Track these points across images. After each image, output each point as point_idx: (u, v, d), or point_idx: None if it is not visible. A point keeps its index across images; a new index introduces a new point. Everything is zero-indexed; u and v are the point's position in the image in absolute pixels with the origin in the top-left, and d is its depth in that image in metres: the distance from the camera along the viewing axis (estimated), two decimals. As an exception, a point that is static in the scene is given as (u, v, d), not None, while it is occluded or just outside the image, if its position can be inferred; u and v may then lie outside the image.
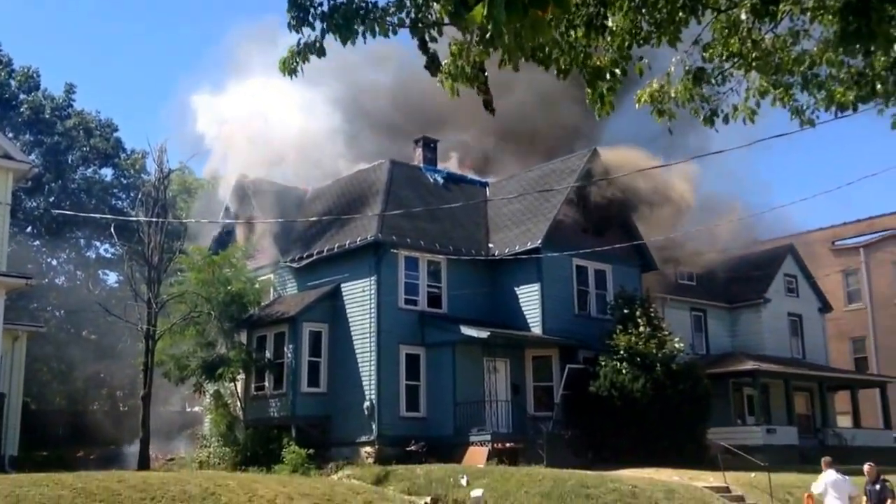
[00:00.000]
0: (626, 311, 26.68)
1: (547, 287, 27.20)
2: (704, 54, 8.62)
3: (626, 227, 29.39)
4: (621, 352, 25.31)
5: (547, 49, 7.09)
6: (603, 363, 25.44)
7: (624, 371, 24.97)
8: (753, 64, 8.50)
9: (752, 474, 22.00)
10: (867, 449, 31.24)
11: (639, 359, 25.08)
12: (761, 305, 34.15)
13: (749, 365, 30.38)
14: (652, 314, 26.82)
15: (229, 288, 26.91)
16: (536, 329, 26.92)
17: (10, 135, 35.18)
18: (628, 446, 23.84)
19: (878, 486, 14.44)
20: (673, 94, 8.79)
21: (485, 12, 3.69)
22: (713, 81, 8.86)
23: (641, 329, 25.74)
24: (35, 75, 44.04)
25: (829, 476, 14.82)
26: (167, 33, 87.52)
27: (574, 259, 27.97)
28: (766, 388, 31.34)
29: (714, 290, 34.57)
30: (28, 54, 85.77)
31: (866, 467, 14.82)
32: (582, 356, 26.76)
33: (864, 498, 14.62)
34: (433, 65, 7.17)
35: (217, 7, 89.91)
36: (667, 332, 26.22)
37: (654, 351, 25.24)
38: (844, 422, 35.25)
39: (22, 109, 42.09)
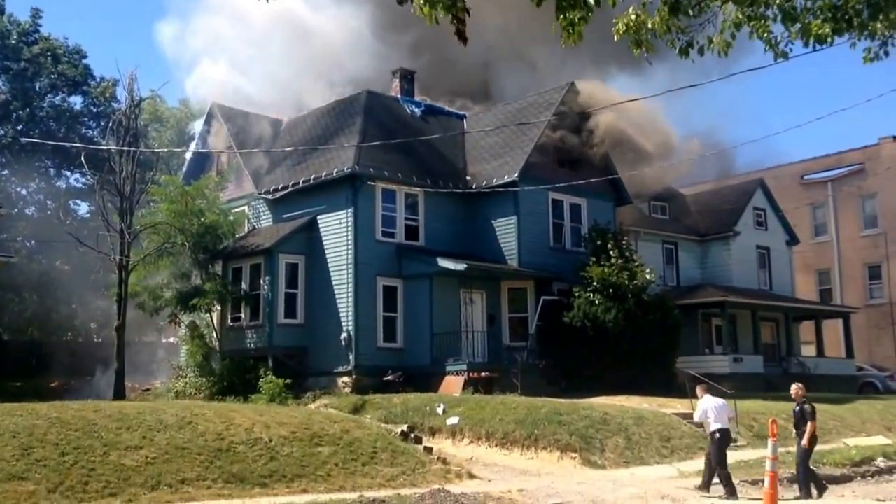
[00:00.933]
0: (599, 243, 26.93)
1: (523, 220, 27.34)
2: (683, -15, 8.46)
3: (602, 161, 29.39)
4: (594, 283, 25.60)
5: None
6: (577, 294, 25.73)
7: (597, 302, 25.32)
8: (730, -6, 8.38)
9: (720, 402, 22.52)
10: (830, 377, 32.29)
11: (611, 290, 25.43)
12: (731, 238, 34.67)
13: (718, 296, 31.12)
14: (624, 247, 27.10)
15: (203, 219, 26.72)
16: (513, 261, 27.11)
17: (-26, 61, 34.17)
18: (600, 375, 24.32)
19: (797, 408, 14.71)
20: (650, 25, 8.68)
21: None
22: (690, 13, 8.75)
23: (614, 261, 26.01)
24: (-1, 0, 42.60)
25: (707, 402, 14.84)
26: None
27: (550, 193, 28.05)
28: (733, 319, 32.15)
29: (685, 224, 34.98)
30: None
31: (794, 388, 15.01)
32: (556, 288, 27.06)
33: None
34: None
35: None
36: (638, 264, 26.53)
37: (626, 282, 25.56)
38: (809, 351, 36.25)
39: (-14, 35, 40.81)
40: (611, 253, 26.41)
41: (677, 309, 27.61)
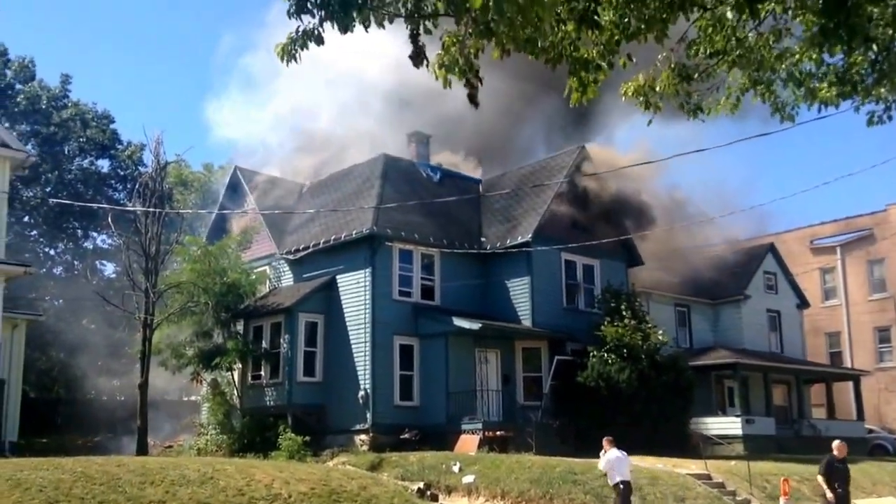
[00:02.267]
0: (612, 304, 27.41)
1: (537, 280, 27.87)
2: (689, 51, 9.07)
3: (614, 223, 30.04)
4: (608, 343, 25.97)
5: (538, 40, 7.48)
6: (591, 354, 26.08)
7: (611, 362, 25.65)
8: (736, 61, 8.97)
9: (732, 462, 22.71)
10: (840, 439, 32.05)
11: (625, 350, 25.81)
12: (742, 302, 35.16)
13: (730, 358, 31.46)
14: (637, 308, 27.58)
15: (225, 278, 27.36)
16: (526, 321, 27.55)
17: (6, 124, 35.46)
18: (614, 435, 24.36)
19: (840, 465, 14.94)
20: (658, 89, 9.23)
21: None
22: (697, 77, 9.32)
23: (627, 322, 26.43)
24: (31, 65, 44.32)
25: (612, 454, 15.82)
26: (165, 26, 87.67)
27: (563, 254, 28.63)
28: (745, 381, 32.39)
29: (697, 287, 35.46)
30: (24, 44, 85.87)
31: (839, 445, 15.29)
32: (570, 348, 27.44)
33: (822, 477, 15.08)
34: (418, 57, 7.30)
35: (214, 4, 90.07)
36: (651, 325, 26.95)
37: (640, 343, 25.94)
38: (819, 413, 36.44)
39: (18, 99, 42.32)
40: (624, 314, 26.88)
41: (690, 370, 27.93)
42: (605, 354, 25.95)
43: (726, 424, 29.58)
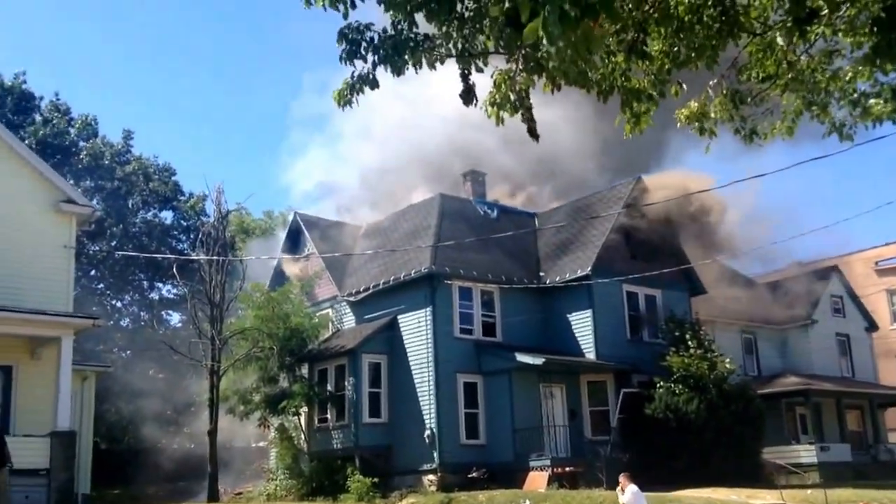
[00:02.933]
0: (677, 334, 27.03)
1: (598, 313, 27.64)
2: (741, 76, 9.05)
3: (675, 252, 29.74)
4: (675, 374, 25.57)
5: (590, 73, 7.54)
6: (658, 386, 25.71)
7: (678, 392, 25.22)
8: (789, 84, 8.90)
9: (808, 491, 22.07)
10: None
11: (692, 380, 25.37)
12: (809, 326, 34.51)
13: (800, 384, 30.81)
14: (702, 336, 27.14)
15: (288, 323, 27.73)
16: (590, 354, 27.30)
17: (72, 181, 36.77)
18: (685, 467, 24.01)
19: None
20: (712, 115, 9.21)
21: (540, 29, 3.91)
22: (751, 102, 9.27)
23: (693, 351, 26.03)
24: (94, 123, 45.97)
25: (632, 488, 16.30)
26: (221, 77, 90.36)
27: (624, 285, 28.36)
28: (818, 407, 31.62)
29: (762, 313, 34.76)
30: (87, 103, 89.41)
31: None
32: (636, 380, 27.09)
33: None
34: (468, 95, 7.41)
35: (265, 58, 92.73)
36: (717, 354, 26.50)
37: (707, 372, 25.48)
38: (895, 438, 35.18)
39: (82, 156, 43.83)
40: (689, 343, 26.49)
41: (759, 398, 27.33)
42: (672, 385, 25.54)
43: (800, 452, 28.83)
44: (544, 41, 3.97)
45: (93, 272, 43.75)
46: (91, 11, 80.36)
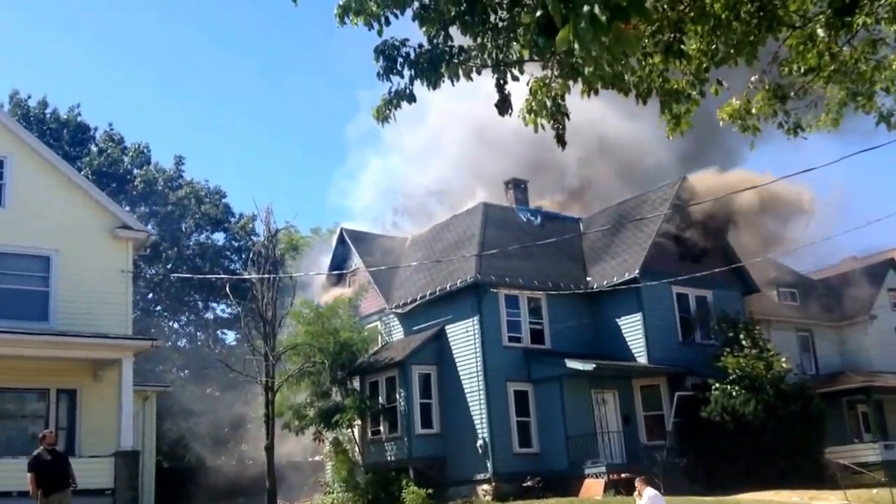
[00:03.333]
0: (730, 334, 26.63)
1: (649, 316, 27.39)
2: (782, 70, 8.96)
3: (724, 251, 29.36)
4: (731, 375, 25.20)
5: (626, 75, 7.54)
6: (713, 388, 25.37)
7: (735, 394, 24.85)
8: (832, 76, 8.80)
9: (874, 490, 21.59)
10: None
11: (748, 381, 24.97)
12: (868, 322, 33.52)
13: (860, 382, 30.06)
14: (757, 336, 26.69)
15: (338, 338, 28.01)
16: (642, 358, 27.06)
17: (127, 207, 37.77)
18: (744, 470, 23.66)
19: None
20: (754, 111, 9.13)
21: (571, 34, 3.91)
22: (794, 96, 9.17)
23: (748, 351, 25.63)
24: (146, 150, 47.27)
25: (650, 492, 16.58)
26: (268, 96, 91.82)
27: (673, 287, 28.05)
28: (880, 404, 30.84)
29: (818, 310, 34.06)
30: (139, 131, 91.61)
31: None
32: (690, 382, 26.74)
33: None
34: (504, 104, 7.43)
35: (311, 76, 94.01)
36: (773, 353, 26.04)
37: (763, 372, 25.07)
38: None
39: (136, 183, 45.10)
40: (743, 343, 26.10)
41: (818, 397, 26.77)
42: (728, 387, 25.18)
43: (863, 451, 28.12)
44: (577, 47, 4.02)
45: (150, 295, 44.79)
46: (140, 44, 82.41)
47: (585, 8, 3.80)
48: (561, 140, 7.84)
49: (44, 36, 77.34)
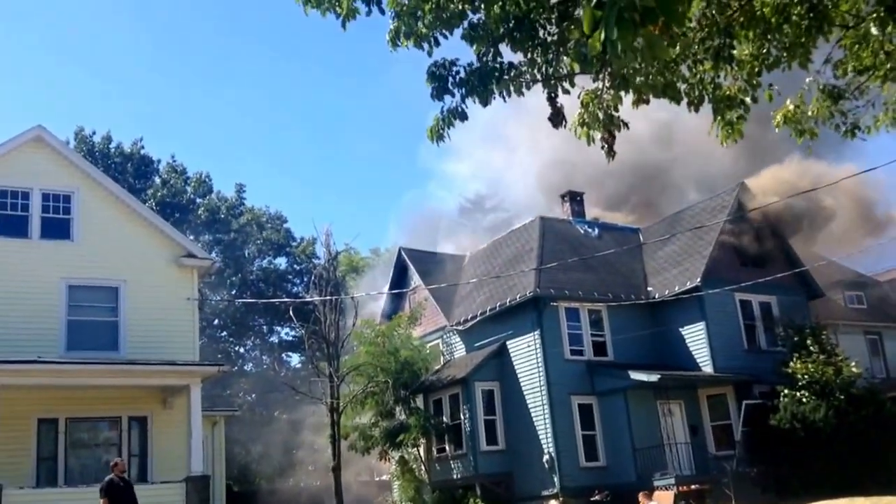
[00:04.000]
0: (796, 340, 26.03)
1: (712, 324, 26.96)
2: (837, 71, 8.84)
3: (787, 255, 28.78)
4: (799, 381, 24.63)
5: (677, 84, 7.53)
6: (782, 395, 24.82)
7: (804, 400, 24.26)
8: (888, 75, 8.65)
9: (957, 496, 20.73)
10: None
11: (817, 387, 24.35)
12: (938, 322, 32.32)
13: (936, 385, 28.82)
14: (825, 341, 26.02)
15: (398, 357, 28.16)
16: (707, 368, 26.62)
17: (191, 236, 38.72)
18: (816, 477, 23.05)
19: None
20: (810, 113, 9.00)
21: (601, 37, 3.94)
22: (850, 96, 9.03)
23: (816, 356, 25.02)
24: (207, 179, 48.44)
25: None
26: (325, 125, 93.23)
27: (736, 294, 27.56)
28: (958, 408, 29.43)
29: (886, 312, 33.03)
30: (200, 161, 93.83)
31: None
32: (757, 391, 26.21)
33: None
34: (557, 118, 7.54)
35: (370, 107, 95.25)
36: (842, 358, 25.37)
37: (833, 377, 24.43)
38: None
39: (199, 212, 46.23)
40: (811, 348, 25.49)
41: (890, 401, 25.95)
42: (797, 393, 24.59)
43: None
44: (609, 53, 4.06)
45: (216, 321, 45.70)
46: (199, 75, 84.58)
47: (613, 8, 3.83)
48: (610, 151, 7.87)
49: (106, 73, 79.97)
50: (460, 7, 6.59)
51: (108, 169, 42.63)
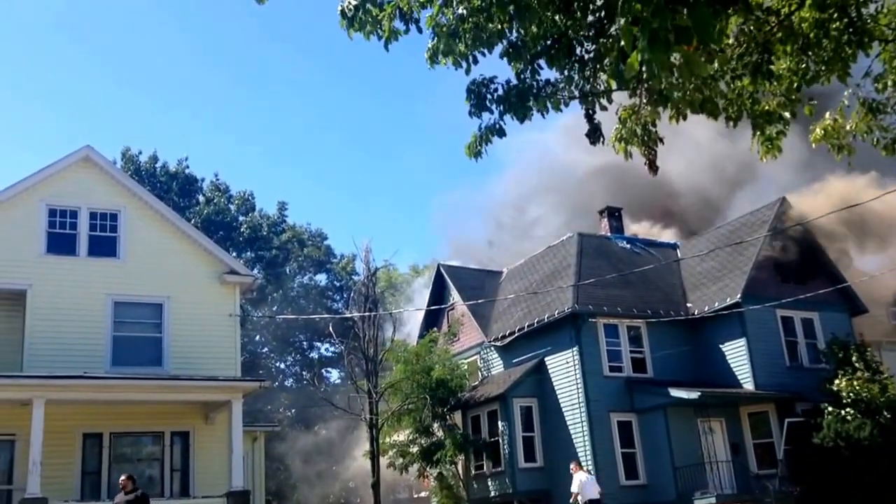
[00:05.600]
0: (841, 356, 25.58)
1: (753, 341, 26.62)
2: (876, 85, 8.79)
3: (830, 271, 28.34)
4: (844, 399, 24.18)
5: (716, 99, 7.55)
6: (826, 413, 24.38)
7: (849, 419, 23.80)
8: (929, 88, 8.57)
9: None
10: None
11: (862, 405, 23.89)
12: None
13: None
14: (869, 358, 25.53)
15: (432, 373, 28.17)
16: (748, 385, 26.28)
17: (234, 253, 39.26)
18: (862, 497, 22.57)
19: None
20: (849, 128, 8.94)
21: (638, 56, 3.98)
22: (890, 111, 8.95)
23: (860, 374, 24.57)
24: (250, 198, 49.19)
25: (580, 476, 18.35)
26: (365, 143, 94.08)
27: (777, 310, 27.18)
28: None
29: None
30: (243, 179, 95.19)
31: None
32: (799, 408, 25.79)
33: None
34: (594, 134, 7.60)
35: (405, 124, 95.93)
36: (887, 376, 24.87)
37: (878, 395, 23.96)
38: None
39: (242, 230, 46.93)
40: (856, 366, 25.04)
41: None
42: (842, 411, 24.15)
43: None
44: (646, 71, 4.12)
45: (257, 337, 46.23)
46: (240, 96, 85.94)
47: (647, 29, 3.88)
48: (653, 166, 7.90)
49: (153, 93, 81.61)
50: (499, 26, 6.70)
51: (153, 188, 43.49)
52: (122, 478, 15.75)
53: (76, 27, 78.14)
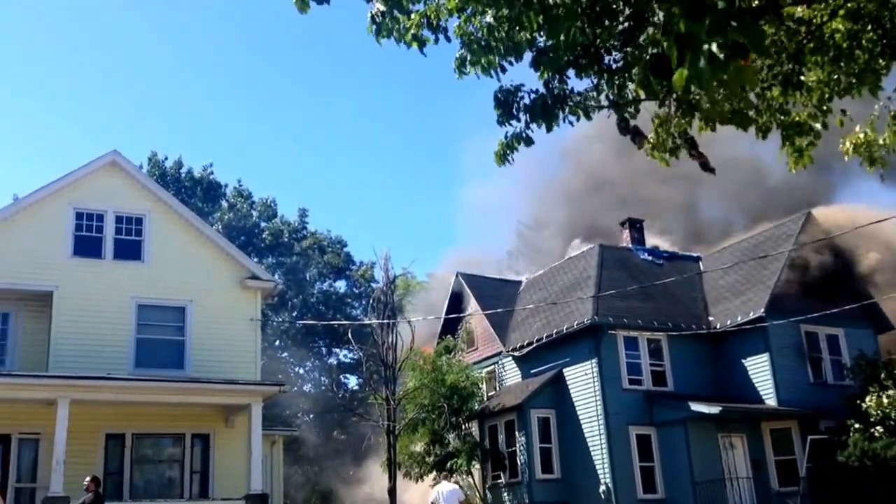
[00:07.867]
0: (868, 373, 25.25)
1: (776, 356, 26.36)
2: (911, 97, 8.71)
3: (856, 287, 28.02)
4: (871, 417, 23.87)
5: (745, 110, 7.51)
6: (851, 431, 24.07)
7: (877, 437, 23.48)
8: (963, 101, 8.49)
9: None
10: None
11: (891, 423, 23.56)
12: None
13: None
14: (896, 375, 25.17)
15: (446, 381, 28.09)
16: (770, 401, 26.02)
17: (255, 258, 39.52)
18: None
19: None
20: (881, 142, 8.86)
21: (686, 73, 3.90)
22: None
23: (891, 392, 24.22)
24: (272, 204, 49.64)
25: (442, 486, 17.86)
26: (384, 144, 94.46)
27: (802, 325, 26.90)
28: None
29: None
30: (265, 184, 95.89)
31: None
32: (823, 426, 25.47)
33: None
34: (637, 137, 7.57)
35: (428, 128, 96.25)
36: (915, 394, 24.48)
37: (906, 414, 23.62)
38: None
39: (264, 236, 47.41)
40: (885, 383, 24.71)
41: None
42: (870, 430, 23.82)
43: None
44: (693, 86, 4.07)
45: (277, 342, 46.52)
46: (265, 102, 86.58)
47: (705, 47, 3.84)
48: (707, 167, 7.84)
49: (179, 100, 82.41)
50: (529, 35, 6.71)
51: (178, 193, 43.91)
52: (87, 480, 15.83)
53: (104, 32, 79.13)
